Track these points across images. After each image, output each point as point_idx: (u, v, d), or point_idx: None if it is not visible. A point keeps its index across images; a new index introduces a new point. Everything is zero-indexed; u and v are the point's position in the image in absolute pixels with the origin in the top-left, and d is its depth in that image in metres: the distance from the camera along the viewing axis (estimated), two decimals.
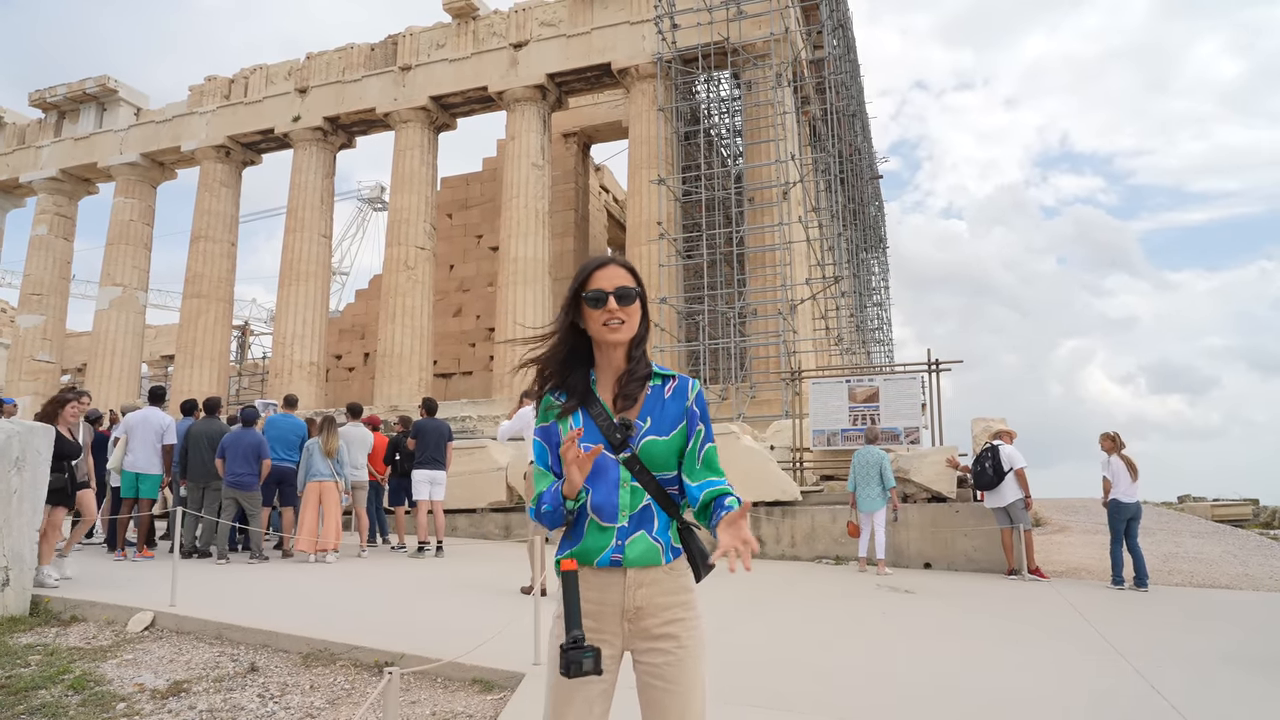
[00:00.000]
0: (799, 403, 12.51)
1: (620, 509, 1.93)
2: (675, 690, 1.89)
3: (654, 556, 1.93)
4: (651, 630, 1.91)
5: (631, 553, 1.92)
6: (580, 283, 2.01)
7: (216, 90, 21.28)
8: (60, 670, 4.65)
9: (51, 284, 22.73)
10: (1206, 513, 25.07)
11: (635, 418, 1.96)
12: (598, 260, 2.05)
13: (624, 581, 1.92)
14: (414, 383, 17.66)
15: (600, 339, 2.00)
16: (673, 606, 1.92)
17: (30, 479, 6.14)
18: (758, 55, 16.03)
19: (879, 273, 29.32)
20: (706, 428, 2.02)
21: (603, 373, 2.04)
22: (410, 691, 4.33)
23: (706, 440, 1.99)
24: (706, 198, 16.43)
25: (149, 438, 9.03)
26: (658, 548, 1.93)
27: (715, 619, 4.19)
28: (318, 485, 8.95)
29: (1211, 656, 5.31)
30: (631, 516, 1.94)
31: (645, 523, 1.94)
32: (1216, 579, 9.25)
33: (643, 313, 2.04)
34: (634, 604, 1.92)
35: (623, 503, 1.94)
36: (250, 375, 29.71)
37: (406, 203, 18.68)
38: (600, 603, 1.92)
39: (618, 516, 1.94)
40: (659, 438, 1.95)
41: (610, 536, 1.93)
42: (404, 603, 6.43)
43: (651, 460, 1.95)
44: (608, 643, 1.92)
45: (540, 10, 18.10)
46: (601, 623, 1.92)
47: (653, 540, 1.94)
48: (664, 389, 2.00)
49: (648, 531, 1.94)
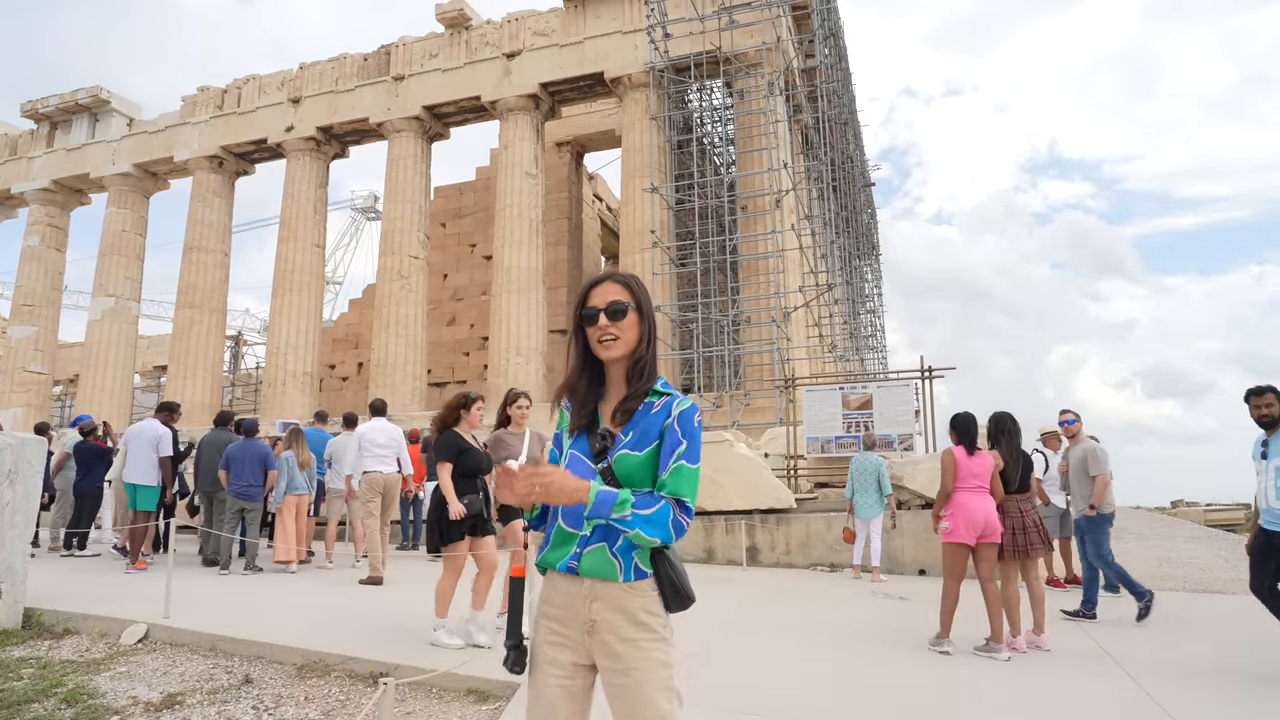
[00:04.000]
0: (793, 410, 12.53)
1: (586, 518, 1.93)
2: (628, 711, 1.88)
3: (609, 571, 1.91)
4: (607, 646, 1.90)
5: (586, 562, 1.93)
6: (579, 303, 2.03)
7: (209, 100, 21.28)
8: (53, 684, 4.63)
9: (44, 295, 22.65)
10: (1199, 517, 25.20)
11: (619, 430, 1.97)
12: (595, 278, 2.07)
13: (581, 590, 1.93)
14: (408, 392, 17.63)
15: (598, 355, 2.01)
16: (625, 626, 1.89)
17: (23, 492, 6.13)
18: (750, 64, 16.11)
19: (872, 280, 29.40)
20: (690, 448, 1.93)
21: (609, 387, 2.06)
22: (405, 702, 4.32)
23: (682, 456, 1.91)
24: (700, 206, 16.48)
25: (144, 449, 9.04)
26: (614, 564, 1.91)
27: (708, 630, 4.20)
28: (295, 499, 9.15)
29: (1206, 662, 5.33)
30: (597, 527, 1.93)
31: (609, 536, 1.93)
32: (1209, 584, 9.27)
33: (641, 327, 2.01)
34: (589, 616, 1.92)
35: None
36: (244, 385, 29.62)
37: (400, 212, 18.69)
38: (565, 608, 1.95)
39: (582, 525, 1.95)
40: (633, 453, 1.94)
41: (573, 544, 1.95)
42: (399, 612, 6.41)
43: (623, 474, 1.93)
44: (572, 648, 1.94)
45: (533, 20, 18.16)
46: (568, 627, 1.95)
47: (611, 555, 1.92)
48: (653, 405, 1.98)
49: (609, 545, 1.92)
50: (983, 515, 5.58)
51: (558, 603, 1.96)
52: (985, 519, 5.57)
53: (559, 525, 1.98)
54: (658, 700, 1.87)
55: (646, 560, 1.92)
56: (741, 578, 8.73)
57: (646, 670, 1.88)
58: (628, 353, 2.00)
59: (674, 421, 1.95)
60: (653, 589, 1.92)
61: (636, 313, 2.01)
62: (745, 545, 9.77)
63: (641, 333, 2.02)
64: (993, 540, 5.59)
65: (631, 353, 2.01)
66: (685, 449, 1.93)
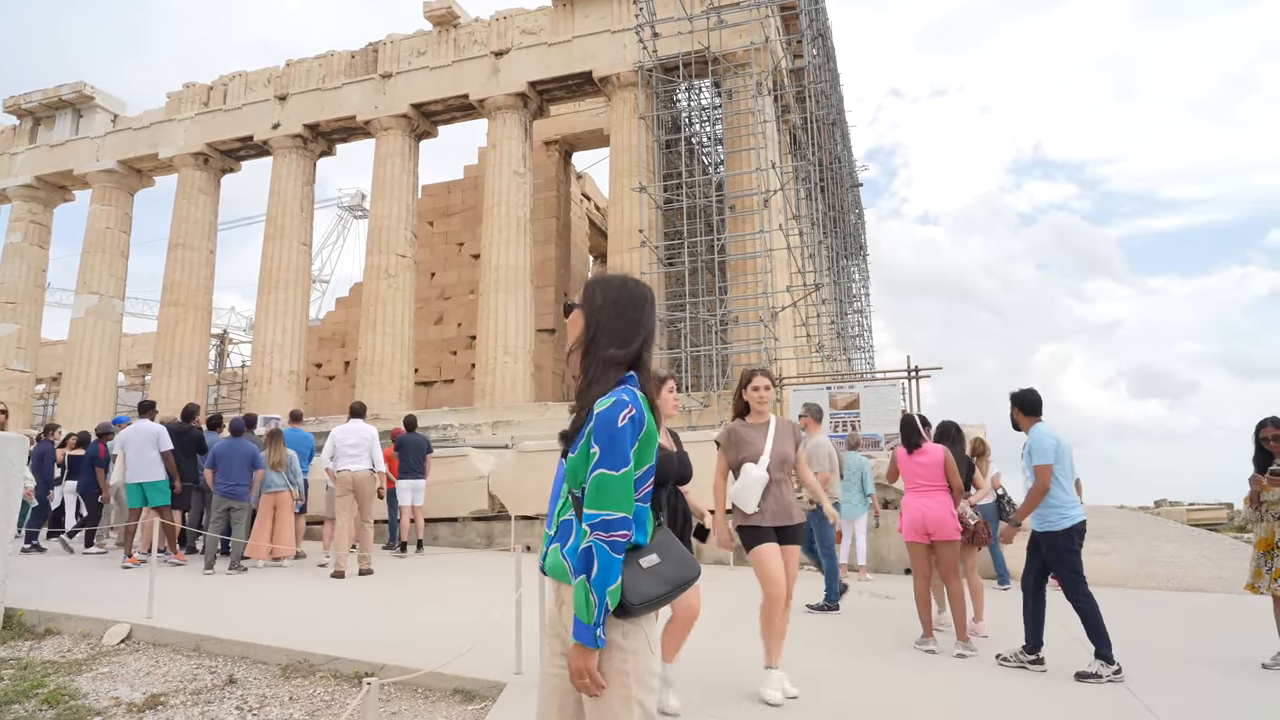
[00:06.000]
0: (780, 410, 12.56)
1: (553, 516, 1.95)
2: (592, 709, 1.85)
3: (561, 572, 1.89)
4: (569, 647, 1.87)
5: (548, 561, 1.94)
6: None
7: (195, 97, 21.12)
8: (34, 684, 4.59)
9: (26, 292, 22.42)
10: (1182, 517, 25.41)
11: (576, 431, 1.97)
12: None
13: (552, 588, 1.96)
14: (395, 391, 17.56)
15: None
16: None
17: (4, 490, 6.06)
18: (738, 64, 16.13)
19: (859, 280, 29.49)
20: (603, 453, 1.83)
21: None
22: (391, 702, 4.31)
23: (600, 466, 1.83)
24: (688, 205, 16.48)
25: (144, 448, 9.17)
26: (564, 565, 1.88)
27: (694, 630, 4.21)
28: (272, 496, 9.30)
29: (1188, 658, 5.38)
30: (560, 525, 1.94)
31: (563, 537, 1.92)
32: (1191, 583, 9.37)
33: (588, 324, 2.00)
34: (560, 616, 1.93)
35: (556, 510, 1.96)
36: (229, 384, 29.41)
37: (387, 210, 18.60)
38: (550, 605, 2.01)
39: (551, 524, 1.97)
40: (572, 454, 1.93)
41: (545, 543, 1.99)
42: (385, 611, 6.39)
43: (569, 474, 1.94)
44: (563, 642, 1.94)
45: (521, 19, 18.12)
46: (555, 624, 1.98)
47: (562, 556, 1.89)
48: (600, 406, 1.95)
49: (561, 546, 1.91)
50: (920, 514, 5.60)
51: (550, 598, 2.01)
52: (924, 518, 5.58)
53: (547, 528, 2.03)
54: (615, 710, 1.81)
55: None
56: (728, 577, 8.75)
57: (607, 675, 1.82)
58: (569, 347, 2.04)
59: (593, 425, 1.87)
60: None
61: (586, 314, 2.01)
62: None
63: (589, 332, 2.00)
64: (947, 538, 5.57)
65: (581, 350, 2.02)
66: (599, 456, 1.84)
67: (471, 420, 16.08)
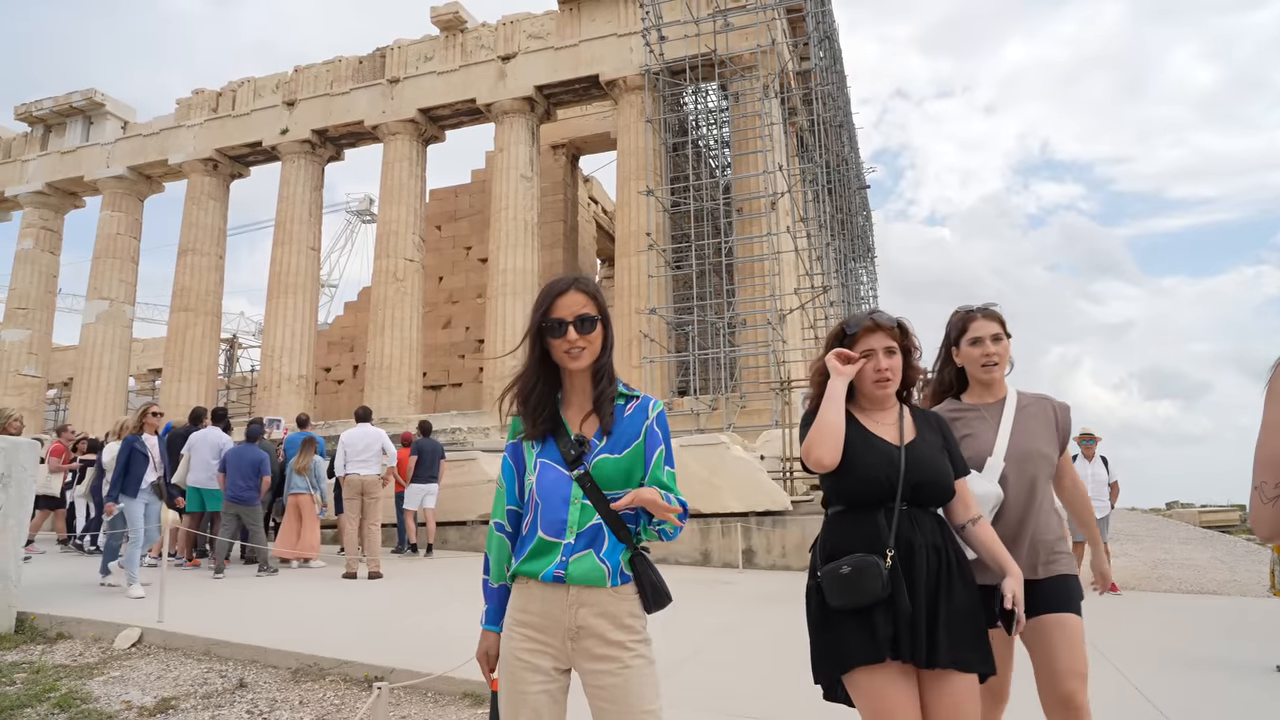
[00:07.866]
0: (789, 412, 12.53)
1: (568, 526, 1.94)
2: (619, 711, 1.90)
3: (598, 577, 1.92)
4: (593, 650, 1.92)
5: (575, 570, 1.93)
6: (542, 311, 2.01)
7: (204, 103, 21.24)
8: (46, 688, 4.61)
9: (38, 298, 22.57)
10: (1194, 519, 25.27)
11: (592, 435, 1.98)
12: (558, 287, 2.04)
13: (567, 598, 1.93)
14: (403, 395, 17.60)
15: (563, 365, 2.02)
16: (612, 629, 1.92)
17: (16, 495, 6.10)
18: (745, 67, 16.12)
19: (867, 282, 29.45)
20: (667, 449, 2.03)
21: (569, 393, 2.07)
22: (400, 706, 4.31)
23: (666, 463, 2.00)
24: (695, 208, 16.48)
25: (207, 456, 9.38)
26: (603, 569, 1.93)
27: (705, 633, 4.20)
28: (295, 498, 9.50)
29: (1198, 661, 5.34)
30: (580, 534, 1.94)
31: (595, 542, 1.94)
32: (1205, 585, 9.30)
33: (605, 335, 2.03)
34: (575, 623, 1.92)
35: (571, 519, 1.95)
36: (239, 388, 29.53)
37: (395, 215, 18.66)
38: (544, 615, 1.95)
39: (564, 533, 1.95)
40: (611, 455, 1.96)
41: (556, 553, 1.95)
42: (395, 615, 6.40)
43: (603, 478, 1.95)
44: (553, 654, 1.95)
45: (528, 23, 18.17)
46: (547, 635, 1.95)
47: (599, 561, 1.93)
48: (625, 408, 2.03)
49: (596, 551, 1.94)
50: None
51: (536, 610, 1.95)
52: None
53: (539, 536, 1.97)
54: (648, 698, 1.91)
55: (628, 565, 1.95)
56: (739, 580, 8.73)
57: (636, 669, 1.92)
58: (591, 361, 2.02)
59: (653, 423, 2.03)
60: (634, 592, 1.96)
61: (601, 324, 2.02)
62: (741, 548, 9.77)
63: (606, 341, 2.04)
64: None
65: (595, 360, 2.02)
66: (665, 453, 2.03)
67: (480, 424, 16.10)
